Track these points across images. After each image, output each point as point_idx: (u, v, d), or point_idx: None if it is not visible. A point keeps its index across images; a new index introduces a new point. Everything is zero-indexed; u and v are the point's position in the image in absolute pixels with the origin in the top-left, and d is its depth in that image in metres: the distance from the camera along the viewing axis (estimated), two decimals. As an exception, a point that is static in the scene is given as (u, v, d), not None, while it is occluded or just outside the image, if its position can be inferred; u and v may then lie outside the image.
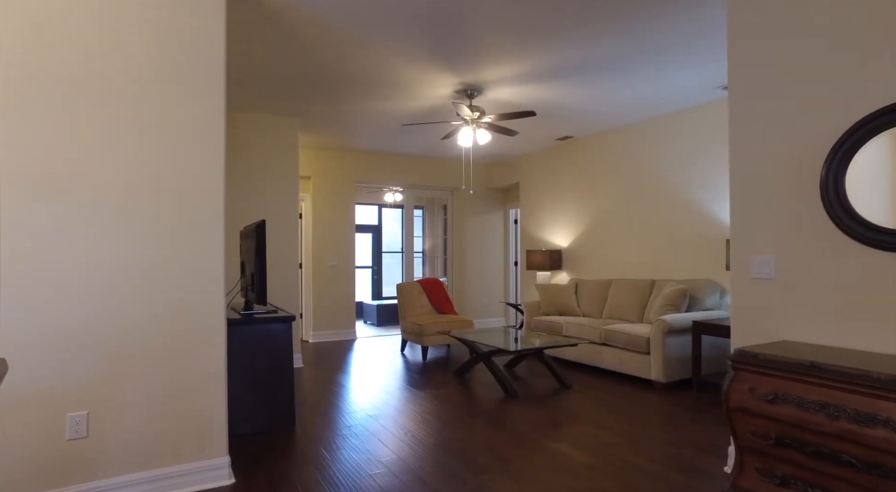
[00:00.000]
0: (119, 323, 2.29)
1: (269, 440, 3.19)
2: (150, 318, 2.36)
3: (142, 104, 2.35)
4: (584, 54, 3.74)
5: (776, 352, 2.08)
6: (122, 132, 2.32)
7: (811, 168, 2.31)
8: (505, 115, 4.34)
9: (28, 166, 2.12)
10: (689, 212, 5.09)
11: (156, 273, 2.38)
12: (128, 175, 2.32)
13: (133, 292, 2.32)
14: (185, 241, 2.44)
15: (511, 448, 3.02)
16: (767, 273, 2.50)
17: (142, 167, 2.35)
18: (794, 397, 1.91)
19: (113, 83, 2.29)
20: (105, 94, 2.27)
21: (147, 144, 2.37)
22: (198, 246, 2.48)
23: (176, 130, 2.43)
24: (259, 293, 3.37)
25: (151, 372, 2.35)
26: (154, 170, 2.38)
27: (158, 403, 2.37)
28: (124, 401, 2.29)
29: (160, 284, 2.38)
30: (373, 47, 3.61)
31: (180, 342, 2.42)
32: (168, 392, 2.39)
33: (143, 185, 2.36)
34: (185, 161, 2.45)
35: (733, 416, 2.16)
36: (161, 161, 2.40)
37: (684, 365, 4.41)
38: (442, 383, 4.61)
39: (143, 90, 2.35)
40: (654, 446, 3.02)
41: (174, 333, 2.41)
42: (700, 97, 4.73)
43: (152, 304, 2.37)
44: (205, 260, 2.49)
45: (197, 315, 2.47)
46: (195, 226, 2.47)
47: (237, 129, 5.19)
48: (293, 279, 5.40)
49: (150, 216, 2.37)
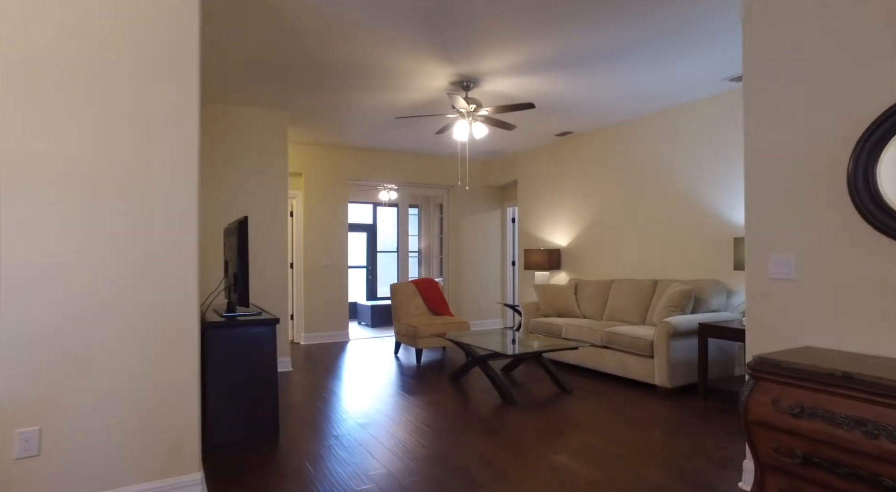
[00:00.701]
0: (78, 328, 2.08)
1: (250, 452, 2.99)
2: (115, 322, 2.15)
3: (106, 89, 2.15)
4: (584, 42, 3.54)
5: (801, 360, 1.88)
6: (84, 120, 2.11)
7: (836, 159, 2.12)
8: (502, 107, 4.14)
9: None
10: (694, 210, 4.90)
11: (121, 273, 2.17)
12: (90, 166, 2.11)
13: (95, 294, 2.11)
14: (154, 237, 2.24)
15: (509, 461, 2.82)
16: (786, 273, 2.31)
17: (107, 158, 2.15)
18: (824, 410, 1.71)
19: (74, 66, 2.08)
20: (64, 79, 2.07)
21: (112, 132, 2.16)
22: (169, 242, 2.27)
23: (145, 117, 2.22)
24: (241, 294, 3.16)
25: (115, 381, 2.14)
26: (120, 160, 2.17)
27: (122, 415, 2.16)
28: (83, 414, 2.08)
29: (126, 284, 2.17)
30: (362, 34, 3.41)
31: (148, 348, 2.21)
32: (133, 403, 2.18)
33: (107, 177, 2.15)
34: (155, 150, 2.24)
35: (753, 430, 1.96)
36: (128, 151, 2.19)
37: (689, 369, 4.22)
38: (436, 388, 4.41)
39: (106, 72, 2.14)
40: (663, 459, 2.83)
41: (141, 337, 2.20)
42: (705, 90, 4.54)
43: (117, 306, 2.16)
44: (176, 258, 2.28)
45: (168, 318, 2.26)
46: (166, 221, 2.26)
47: (222, 122, 4.97)
48: (282, 280, 5.19)
49: (115, 211, 2.16)
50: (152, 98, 2.24)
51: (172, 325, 2.27)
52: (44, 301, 2.02)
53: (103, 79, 2.14)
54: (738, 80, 4.27)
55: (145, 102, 2.23)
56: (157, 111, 2.25)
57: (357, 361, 5.65)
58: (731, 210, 4.54)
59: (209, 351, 3.11)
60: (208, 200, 4.90)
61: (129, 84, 2.20)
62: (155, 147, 2.25)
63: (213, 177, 4.92)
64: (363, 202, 10.24)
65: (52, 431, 2.01)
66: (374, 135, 6.27)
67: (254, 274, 5.05)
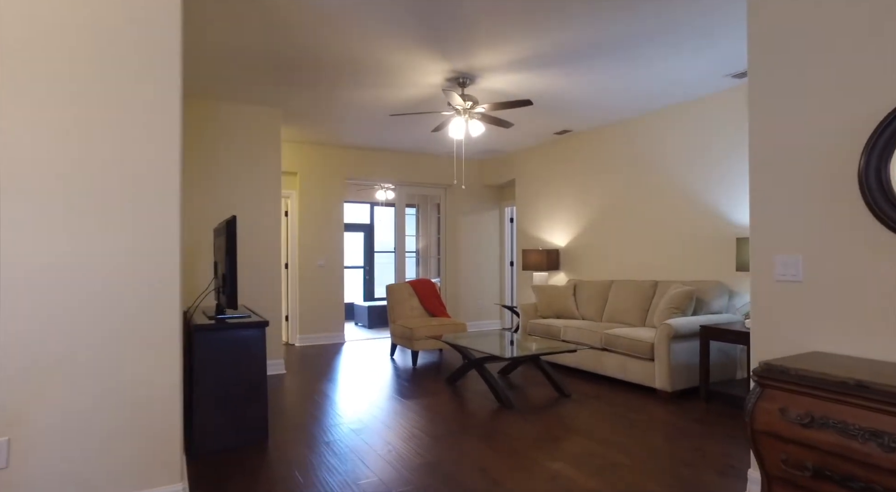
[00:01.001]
0: (50, 333, 1.98)
1: (237, 460, 2.89)
2: (90, 326, 2.05)
3: (80, 83, 2.05)
4: (581, 37, 3.44)
5: (810, 366, 1.79)
6: (57, 116, 2.01)
7: (847, 156, 2.02)
8: (499, 104, 4.05)
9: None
10: (696, 209, 4.81)
11: (97, 275, 2.07)
12: (64, 166, 2.01)
13: (69, 298, 2.01)
14: (132, 237, 2.14)
15: (506, 469, 2.72)
16: (794, 274, 2.21)
17: (82, 157, 2.05)
18: (837, 421, 1.62)
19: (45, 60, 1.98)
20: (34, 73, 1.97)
21: (87, 130, 2.06)
22: (150, 243, 2.17)
23: (122, 113, 2.12)
24: (230, 296, 3.06)
25: (89, 389, 2.04)
26: (97, 159, 2.07)
27: (98, 424, 2.06)
28: (55, 423, 1.98)
29: (103, 287, 2.08)
30: (355, 27, 3.31)
31: (125, 353, 2.11)
32: (110, 411, 2.08)
33: (82, 177, 2.05)
34: (133, 149, 2.14)
35: (759, 439, 1.87)
36: (105, 149, 2.09)
37: (690, 373, 4.13)
38: (432, 392, 4.31)
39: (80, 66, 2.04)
40: (664, 467, 2.73)
41: (119, 342, 2.10)
42: (707, 87, 4.44)
43: (92, 310, 2.06)
44: (157, 259, 2.18)
45: (147, 322, 2.16)
46: (147, 220, 2.17)
47: (214, 120, 4.87)
48: (276, 280, 5.09)
49: (90, 211, 2.06)
50: (129, 94, 2.14)
51: (152, 328, 2.17)
52: (12, 306, 1.92)
53: (77, 73, 2.04)
54: (741, 77, 4.18)
55: (122, 98, 2.13)
56: (135, 108, 2.15)
57: (352, 363, 5.55)
58: (734, 210, 4.45)
59: (196, 354, 3.01)
60: (200, 200, 4.80)
61: (105, 79, 2.10)
62: (133, 145, 2.15)
63: (205, 176, 4.82)
64: (360, 202, 10.14)
65: (20, 441, 1.91)
66: (370, 133, 6.17)
67: (247, 275, 4.95)
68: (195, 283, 4.74)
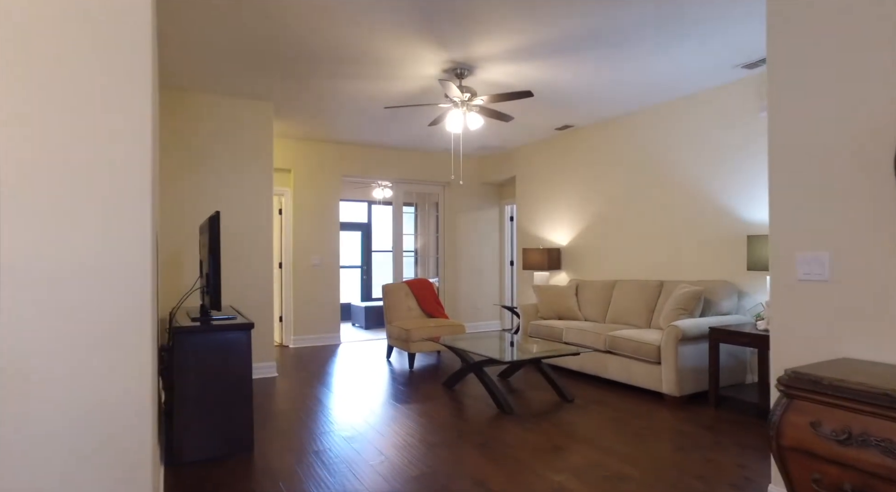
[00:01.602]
0: (5, 334, 1.80)
1: (219, 471, 2.71)
2: (48, 330, 1.86)
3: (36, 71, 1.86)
4: (583, 24, 3.26)
5: (844, 375, 1.61)
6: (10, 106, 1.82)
7: (879, 144, 1.85)
8: (499, 96, 3.87)
9: None
10: (704, 207, 4.63)
11: (60, 270, 1.88)
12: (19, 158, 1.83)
13: (24, 300, 1.83)
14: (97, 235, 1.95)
15: (505, 482, 2.54)
16: (819, 274, 2.03)
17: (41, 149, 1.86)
18: (879, 439, 1.44)
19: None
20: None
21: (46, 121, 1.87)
22: (118, 234, 1.98)
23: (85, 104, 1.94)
24: (213, 296, 2.88)
25: (48, 399, 1.86)
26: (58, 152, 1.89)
27: (58, 436, 1.87)
28: (9, 437, 1.80)
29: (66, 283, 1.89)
30: (349, 16, 3.13)
31: (90, 360, 1.93)
32: (73, 422, 1.90)
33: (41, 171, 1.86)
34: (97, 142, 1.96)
35: (787, 456, 1.69)
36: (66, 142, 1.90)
37: (699, 376, 3.94)
38: (429, 397, 4.13)
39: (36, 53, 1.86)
40: (676, 480, 2.55)
41: (84, 349, 1.92)
42: (715, 78, 4.26)
43: (55, 308, 1.87)
44: (126, 251, 2.00)
45: (117, 322, 1.97)
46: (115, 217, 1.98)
47: (201, 113, 4.68)
48: (268, 280, 4.91)
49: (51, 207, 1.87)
50: (92, 84, 1.96)
51: (121, 332, 1.99)
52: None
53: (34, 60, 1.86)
54: (752, 67, 4.00)
55: (85, 89, 1.94)
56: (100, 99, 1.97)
57: (347, 365, 5.37)
58: (745, 206, 4.26)
59: (177, 358, 2.83)
60: (187, 196, 4.62)
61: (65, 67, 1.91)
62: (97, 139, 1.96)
63: (192, 171, 4.63)
64: (357, 200, 9.96)
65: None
66: (366, 129, 5.98)
67: (237, 274, 4.77)
68: (182, 283, 4.56)
